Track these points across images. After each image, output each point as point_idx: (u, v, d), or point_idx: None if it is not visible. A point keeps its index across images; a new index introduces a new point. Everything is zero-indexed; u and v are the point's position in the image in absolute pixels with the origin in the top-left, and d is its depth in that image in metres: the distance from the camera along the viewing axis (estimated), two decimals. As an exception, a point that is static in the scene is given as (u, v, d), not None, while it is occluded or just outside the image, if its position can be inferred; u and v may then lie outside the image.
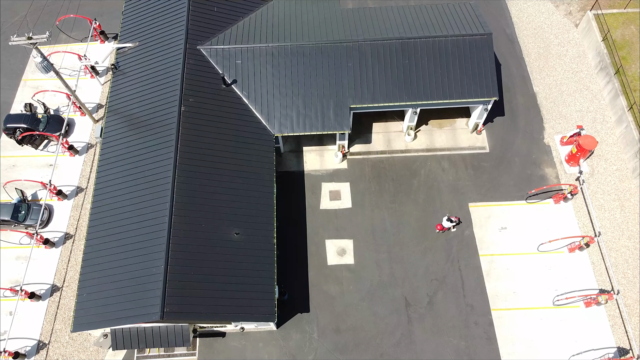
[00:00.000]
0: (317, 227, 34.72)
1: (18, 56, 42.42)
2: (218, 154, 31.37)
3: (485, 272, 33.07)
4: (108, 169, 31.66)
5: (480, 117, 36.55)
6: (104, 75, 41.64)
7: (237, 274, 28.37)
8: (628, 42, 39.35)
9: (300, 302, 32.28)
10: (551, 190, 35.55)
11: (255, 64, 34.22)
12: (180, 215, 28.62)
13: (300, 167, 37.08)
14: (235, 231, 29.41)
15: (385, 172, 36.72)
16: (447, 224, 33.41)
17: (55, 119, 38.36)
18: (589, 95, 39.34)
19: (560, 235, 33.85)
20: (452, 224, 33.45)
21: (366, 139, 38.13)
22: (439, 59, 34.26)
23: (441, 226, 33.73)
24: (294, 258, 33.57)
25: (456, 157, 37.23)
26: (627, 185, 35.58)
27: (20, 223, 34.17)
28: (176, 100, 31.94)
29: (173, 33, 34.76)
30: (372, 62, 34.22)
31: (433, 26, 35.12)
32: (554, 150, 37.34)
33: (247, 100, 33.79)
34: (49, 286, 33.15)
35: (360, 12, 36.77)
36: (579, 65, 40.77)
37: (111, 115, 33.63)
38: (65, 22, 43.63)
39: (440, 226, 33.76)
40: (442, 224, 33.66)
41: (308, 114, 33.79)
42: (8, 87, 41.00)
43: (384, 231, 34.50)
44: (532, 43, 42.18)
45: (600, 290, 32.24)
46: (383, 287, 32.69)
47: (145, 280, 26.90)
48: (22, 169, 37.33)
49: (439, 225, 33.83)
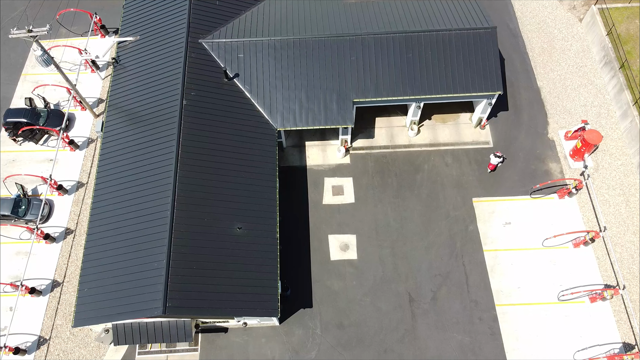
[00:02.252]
0: (319, 222, 34.46)
1: (18, 50, 42.12)
2: (220, 149, 31.08)
3: (490, 267, 32.82)
4: (109, 163, 31.37)
5: (484, 112, 36.28)
6: (104, 70, 41.35)
7: (239, 268, 28.11)
8: (633, 37, 39.06)
9: (303, 298, 32.03)
10: (556, 185, 35.30)
11: (257, 58, 33.93)
12: (182, 210, 28.34)
13: (302, 162, 36.81)
14: (238, 226, 29.14)
15: (389, 167, 36.46)
16: (495, 160, 34.64)
17: (55, 113, 38.06)
18: (594, 89, 39.08)
19: (565, 230, 33.60)
20: (499, 159, 34.48)
21: (369, 133, 37.86)
22: (443, 53, 33.98)
23: (492, 165, 34.96)
24: (296, 253, 33.32)
25: (460, 152, 36.97)
26: (632, 180, 35.33)
27: (21, 218, 33.89)
28: (178, 94, 31.64)
29: (174, 26, 34.45)
30: (376, 55, 33.93)
31: (437, 20, 34.83)
32: (558, 145, 37.08)
33: (250, 94, 33.50)
34: (49, 281, 32.89)
35: (363, 6, 36.44)
36: (583, 60, 40.49)
37: (112, 110, 33.34)
38: (65, 17, 43.32)
39: (491, 165, 35.03)
40: (491, 162, 34.87)
41: (311, 108, 33.51)
42: (8, 81, 40.70)
43: (387, 226, 34.25)
44: (535, 38, 41.90)
45: (606, 285, 32.00)
46: (386, 282, 32.45)
47: (147, 275, 26.63)
48: (22, 164, 37.05)
49: (490, 165, 35.21)
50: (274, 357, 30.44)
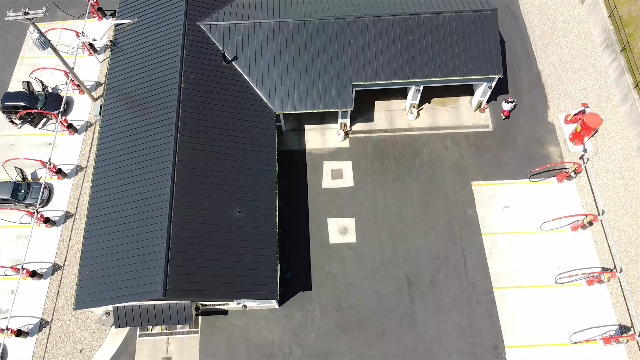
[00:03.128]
0: (319, 205, 34.54)
1: (15, 33, 41.75)
2: (219, 132, 31.00)
3: (488, 250, 32.99)
4: (108, 147, 31.32)
5: (483, 95, 36.09)
6: (102, 53, 41.03)
7: (239, 252, 28.26)
8: (635, 19, 38.69)
9: (302, 281, 32.26)
10: (555, 168, 35.30)
11: (256, 41, 33.66)
12: (182, 193, 28.39)
13: (301, 145, 36.75)
14: (237, 209, 29.22)
15: (388, 151, 36.41)
16: (507, 106, 35.70)
17: (53, 97, 37.89)
18: (594, 73, 38.84)
19: (564, 213, 33.70)
20: (511, 104, 35.37)
21: (368, 117, 37.73)
22: (443, 36, 33.69)
23: (506, 112, 35.87)
24: (296, 237, 33.46)
25: (459, 135, 36.89)
26: (632, 163, 35.31)
27: (21, 202, 33.96)
28: (176, 77, 31.45)
29: (172, 9, 34.10)
30: (375, 38, 33.65)
31: (437, 2, 34.45)
32: (558, 128, 36.99)
33: (248, 78, 33.31)
34: (50, 265, 33.09)
35: (362, -12, 36.00)
36: (584, 43, 40.17)
37: (110, 93, 33.18)
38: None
39: (505, 112, 35.89)
40: (504, 108, 35.78)
41: (310, 91, 33.35)
42: (5, 65, 40.44)
43: (386, 210, 34.33)
44: (536, 20, 41.49)
45: (603, 268, 32.20)
46: (385, 265, 32.65)
47: (147, 258, 26.79)
48: (21, 148, 37.00)
49: (504, 112, 36.20)
50: (274, 339, 30.77)
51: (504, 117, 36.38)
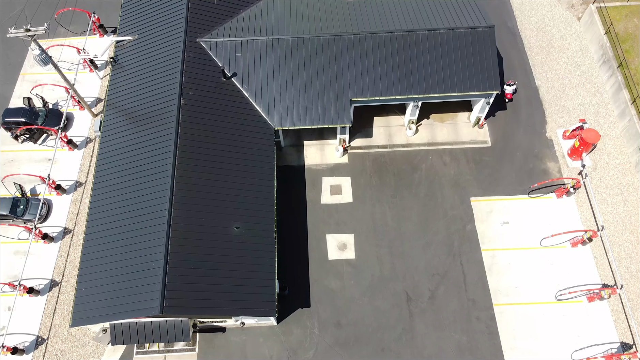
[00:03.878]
0: (317, 221, 34.48)
1: (16, 50, 42.11)
2: (218, 148, 31.09)
3: (487, 266, 32.84)
4: (107, 163, 31.39)
5: (482, 111, 36.25)
6: (103, 69, 41.33)
7: (237, 268, 28.14)
8: (631, 35, 39.03)
9: (301, 297, 32.06)
10: (554, 184, 35.29)
11: (255, 57, 33.92)
12: (180, 209, 28.37)
13: (300, 161, 36.81)
14: (236, 225, 29.16)
15: (387, 167, 36.46)
16: (509, 89, 36.95)
17: (54, 113, 38.07)
18: (592, 88, 39.05)
19: (563, 229, 33.61)
20: (512, 87, 36.98)
21: (367, 133, 37.86)
22: (441, 52, 33.96)
23: (509, 94, 36.89)
24: (294, 253, 33.34)
25: (458, 151, 36.96)
26: (630, 179, 35.32)
27: (19, 217, 33.91)
28: (176, 93, 31.65)
29: (172, 26, 34.45)
30: (374, 54, 33.92)
31: (435, 19, 34.81)
32: (556, 144, 37.07)
33: (247, 94, 33.50)
34: (47, 281, 32.93)
35: (361, 5, 36.40)
36: (581, 59, 40.46)
37: (110, 109, 33.35)
38: (64, 16, 43.30)
39: (509, 95, 37.34)
40: (506, 91, 36.74)
41: (309, 107, 33.51)
42: (7, 81, 40.70)
43: (385, 226, 34.26)
44: (534, 36, 41.85)
45: (603, 284, 32.01)
46: (384, 281, 32.47)
47: (145, 274, 26.67)
48: (20, 163, 37.07)
49: (507, 95, 37.46)
50: (272, 356, 30.48)
51: (507, 100, 37.31)
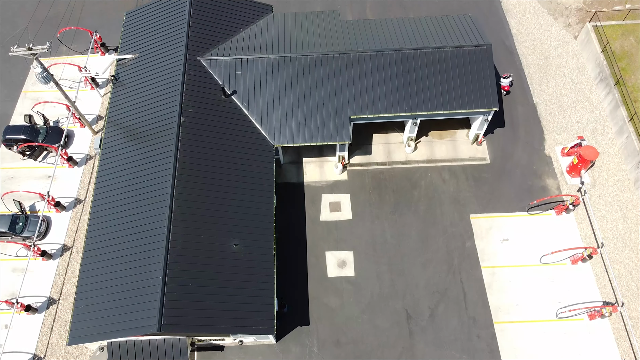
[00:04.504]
0: (317, 238, 34.42)
1: (19, 68, 42.46)
2: (217, 165, 31.19)
3: (487, 284, 32.68)
4: (107, 180, 31.46)
5: (480, 128, 36.44)
6: (104, 87, 41.65)
7: (236, 285, 28.01)
8: (627, 53, 39.42)
9: (300, 315, 31.84)
10: (553, 201, 35.31)
11: (255, 75, 34.22)
12: (179, 226, 28.34)
13: (300, 178, 36.89)
14: (235, 242, 29.11)
15: (386, 184, 36.51)
16: (506, 81, 37.99)
17: (54, 130, 38.27)
18: (590, 106, 39.29)
19: (563, 246, 33.52)
20: (508, 79, 38.10)
21: (366, 150, 38.00)
22: (439, 70, 34.26)
23: (507, 87, 37.68)
24: (293, 270, 33.21)
25: (457, 168, 37.06)
26: (629, 196, 35.34)
27: (18, 234, 33.86)
28: (176, 111, 31.85)
29: (173, 44, 34.81)
30: (372, 72, 34.22)
31: (432, 37, 35.19)
32: (555, 161, 37.18)
33: (247, 111, 33.72)
34: (45, 299, 32.75)
35: (360, 24, 36.87)
36: (578, 77, 40.79)
37: (111, 127, 33.54)
38: (66, 35, 43.78)
39: (506, 87, 37.76)
40: (503, 84, 37.51)
41: (308, 124, 33.69)
42: (8, 98, 40.99)
43: (385, 243, 34.19)
44: (531, 55, 42.25)
45: (604, 302, 31.82)
46: (384, 299, 32.29)
47: (143, 292, 26.54)
48: (20, 180, 37.13)
49: (504, 87, 38.41)
50: (271, 375, 30.18)
51: (504, 92, 38.02)
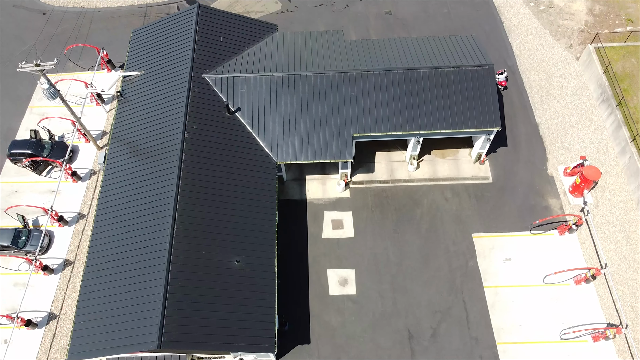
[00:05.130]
0: (318, 256, 34.33)
1: (26, 84, 42.98)
2: (220, 182, 31.31)
3: (490, 304, 32.44)
4: (110, 195, 31.59)
5: (483, 147, 36.56)
6: (109, 103, 42.06)
7: (237, 302, 27.89)
8: (629, 75, 39.67)
9: (301, 333, 31.61)
10: (555, 221, 35.22)
11: (259, 93, 34.54)
12: (181, 242, 28.36)
13: (302, 195, 36.95)
14: (236, 259, 29.07)
15: (388, 202, 36.52)
16: (501, 77, 39.16)
17: (59, 145, 38.57)
18: (592, 126, 39.42)
19: (566, 266, 33.33)
20: (503, 75, 39.32)
21: (369, 168, 38.11)
22: (442, 89, 34.52)
23: (503, 82, 38.40)
24: (295, 287, 33.06)
25: (459, 187, 37.08)
26: (633, 216, 35.23)
27: (20, 249, 33.90)
28: (180, 127, 32.10)
29: (179, 62, 35.24)
30: (375, 91, 34.50)
31: (435, 57, 35.54)
32: (557, 180, 37.17)
33: (251, 128, 33.95)
34: (45, 314, 32.63)
35: (363, 44, 37.30)
36: (580, 97, 41.01)
37: (115, 142, 33.79)
38: (73, 51, 44.40)
39: (503, 82, 38.44)
40: (499, 80, 38.22)
41: (311, 142, 33.87)
42: (15, 113, 41.41)
43: (387, 261, 34.07)
44: (533, 75, 42.56)
45: (608, 324, 31.50)
46: (385, 318, 32.06)
47: (144, 308, 26.44)
48: (24, 195, 37.30)
49: (500, 83, 39.47)
50: (271, 394, 29.84)
51: (502, 87, 38.94)
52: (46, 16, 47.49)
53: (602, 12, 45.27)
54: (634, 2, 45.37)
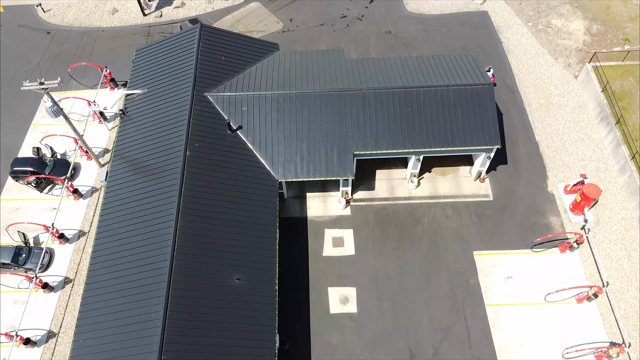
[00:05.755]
0: (319, 274, 34.24)
1: (29, 102, 43.38)
2: (221, 199, 31.40)
3: (492, 322, 32.26)
4: (111, 212, 31.65)
5: (483, 165, 36.71)
6: (112, 121, 42.38)
7: (237, 321, 27.76)
8: (627, 93, 40.00)
9: (301, 352, 31.37)
10: (557, 239, 35.18)
11: (260, 111, 34.83)
12: (182, 260, 28.34)
13: (303, 213, 36.99)
14: (237, 277, 29.02)
15: (389, 219, 36.55)
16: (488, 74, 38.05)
17: (61, 162, 38.77)
18: (591, 144, 39.62)
19: (568, 285, 33.20)
20: (490, 72, 40.13)
21: (369, 185, 38.21)
22: (442, 108, 34.81)
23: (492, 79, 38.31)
24: (296, 306, 32.92)
25: (460, 204, 37.13)
26: (634, 234, 35.20)
27: (21, 266, 33.86)
28: (182, 145, 32.31)
29: (181, 80, 35.60)
30: (376, 109, 34.78)
31: (435, 76, 35.90)
32: (558, 198, 37.24)
33: (252, 146, 34.16)
34: (45, 332, 32.45)
35: (364, 62, 37.70)
36: (579, 115, 41.28)
37: (117, 160, 33.98)
38: (77, 70, 44.87)
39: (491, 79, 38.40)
40: None
41: (312, 159, 34.05)
42: (18, 131, 41.71)
43: (388, 279, 33.96)
44: (532, 94, 42.91)
45: (611, 343, 31.27)
46: (386, 336, 31.85)
47: (144, 326, 26.32)
48: (26, 212, 37.37)
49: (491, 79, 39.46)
50: (271, 414, 29.49)
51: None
52: (51, 35, 48.14)
53: (599, 31, 45.85)
54: (631, 22, 45.97)
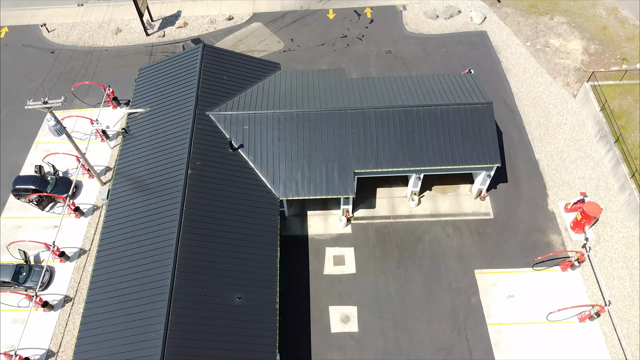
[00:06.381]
0: (320, 292, 34.13)
1: (32, 120, 43.74)
2: (223, 217, 31.47)
3: (494, 342, 32.04)
4: (112, 231, 31.70)
5: (483, 183, 36.83)
6: (114, 139, 42.65)
7: (237, 340, 27.61)
8: (626, 112, 40.31)
9: (302, 372, 31.17)
10: (558, 257, 35.13)
11: (262, 129, 35.09)
12: (182, 278, 28.30)
13: (304, 231, 37.01)
14: (237, 295, 28.94)
15: (390, 238, 36.55)
16: None
17: (63, 180, 38.93)
18: (591, 162, 39.79)
19: (569, 303, 33.05)
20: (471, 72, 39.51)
21: (370, 203, 38.30)
22: (441, 126, 35.07)
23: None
24: (296, 325, 32.75)
25: (460, 223, 37.16)
26: (635, 253, 35.15)
27: (21, 285, 33.78)
28: (183, 163, 32.49)
29: (183, 99, 35.95)
30: (376, 128, 35.05)
31: (435, 95, 36.24)
32: (558, 217, 37.27)
33: (253, 164, 34.35)
34: (44, 351, 32.23)
35: (364, 82, 38.09)
36: (579, 134, 41.54)
37: (119, 178, 34.14)
38: (80, 89, 45.33)
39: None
40: None
41: (313, 178, 34.20)
42: (20, 149, 41.97)
43: (389, 298, 33.84)
44: (532, 112, 43.24)
45: (614, 362, 31.05)
46: (388, 356, 31.60)
47: (144, 345, 26.17)
48: (27, 230, 37.42)
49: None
50: None
51: None
52: (54, 55, 48.74)
53: (597, 51, 46.39)
54: (628, 42, 46.54)
